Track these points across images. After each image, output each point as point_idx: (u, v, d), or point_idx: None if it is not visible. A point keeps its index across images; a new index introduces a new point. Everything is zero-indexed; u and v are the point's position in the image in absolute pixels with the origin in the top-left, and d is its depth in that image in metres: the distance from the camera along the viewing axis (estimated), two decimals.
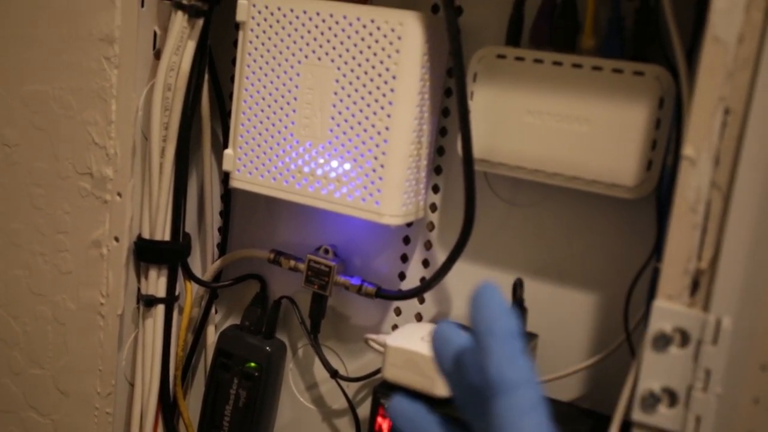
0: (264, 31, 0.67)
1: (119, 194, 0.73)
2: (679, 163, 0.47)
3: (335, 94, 0.64)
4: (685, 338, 0.47)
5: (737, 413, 0.47)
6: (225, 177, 0.78)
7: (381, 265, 0.73)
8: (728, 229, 0.45)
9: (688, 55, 0.53)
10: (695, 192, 0.46)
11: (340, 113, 0.64)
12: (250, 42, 0.67)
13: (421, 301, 0.72)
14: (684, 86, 0.53)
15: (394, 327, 0.73)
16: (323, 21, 0.64)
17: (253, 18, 0.67)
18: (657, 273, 0.49)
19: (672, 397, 0.48)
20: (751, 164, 0.44)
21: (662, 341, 0.48)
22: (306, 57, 0.65)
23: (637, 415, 0.49)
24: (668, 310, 0.47)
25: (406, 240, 0.72)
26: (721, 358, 0.46)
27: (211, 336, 0.82)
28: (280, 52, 0.66)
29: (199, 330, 0.82)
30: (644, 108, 0.56)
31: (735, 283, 0.46)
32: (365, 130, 0.63)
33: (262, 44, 0.67)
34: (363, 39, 0.62)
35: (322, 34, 0.64)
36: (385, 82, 0.62)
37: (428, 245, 0.72)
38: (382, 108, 0.62)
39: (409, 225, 0.71)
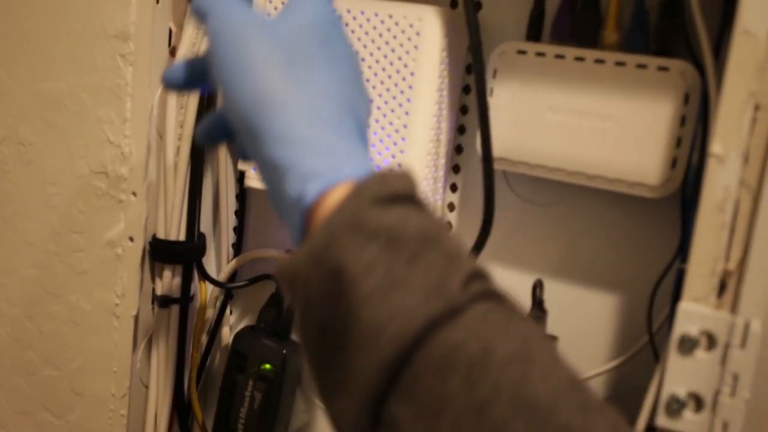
0: None
1: (134, 193, 0.72)
2: (706, 161, 0.45)
3: None
4: (711, 341, 0.46)
5: (766, 419, 0.45)
6: (240, 176, 0.77)
7: None
8: (757, 229, 0.44)
9: (715, 49, 0.52)
10: (723, 191, 0.45)
11: None
12: None
13: None
14: (711, 82, 0.51)
15: None
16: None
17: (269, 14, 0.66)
18: (681, 274, 0.48)
19: (698, 402, 0.46)
20: None
21: (688, 344, 0.46)
22: None
23: (662, 421, 0.47)
24: (694, 313, 0.46)
25: None
26: (749, 362, 0.45)
27: (226, 337, 0.81)
28: None
29: (213, 331, 0.81)
30: (669, 104, 0.54)
31: (764, 285, 0.44)
32: (383, 128, 0.62)
33: None
34: (381, 35, 0.61)
35: None
36: (404, 79, 0.61)
37: None
38: (400, 105, 0.61)
39: None
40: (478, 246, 0.62)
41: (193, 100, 0.71)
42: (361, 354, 0.34)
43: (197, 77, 0.48)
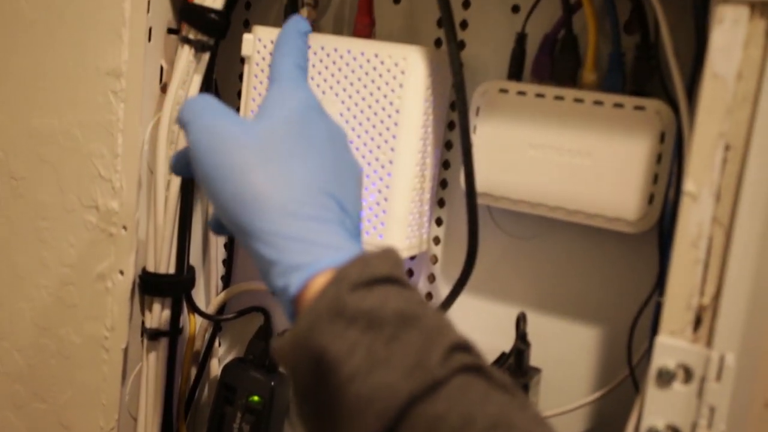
0: (269, 65, 0.67)
1: (125, 227, 0.73)
2: (681, 199, 0.47)
3: None
4: (688, 374, 0.47)
5: None
6: None
7: None
8: (730, 264, 0.45)
9: (688, 90, 0.53)
10: (697, 227, 0.46)
11: None
12: (256, 76, 0.68)
13: None
14: (684, 121, 0.53)
15: None
16: (327, 55, 0.64)
17: (258, 52, 0.67)
18: (660, 307, 0.49)
19: None
20: (752, 200, 0.44)
21: (665, 377, 0.47)
22: None
23: None
24: (671, 346, 0.47)
25: (409, 273, 0.72)
26: (724, 395, 0.46)
27: (215, 369, 0.82)
28: None
29: (202, 363, 0.81)
30: (645, 142, 0.56)
31: (738, 319, 0.45)
32: (369, 164, 0.63)
33: (268, 78, 0.67)
34: (367, 73, 0.63)
35: (326, 68, 0.64)
36: (389, 116, 0.62)
37: (431, 278, 0.71)
38: (386, 142, 0.63)
39: (412, 258, 0.71)
40: (463, 278, 0.63)
41: (183, 137, 0.72)
42: (351, 429, 0.36)
43: (183, 168, 0.51)
